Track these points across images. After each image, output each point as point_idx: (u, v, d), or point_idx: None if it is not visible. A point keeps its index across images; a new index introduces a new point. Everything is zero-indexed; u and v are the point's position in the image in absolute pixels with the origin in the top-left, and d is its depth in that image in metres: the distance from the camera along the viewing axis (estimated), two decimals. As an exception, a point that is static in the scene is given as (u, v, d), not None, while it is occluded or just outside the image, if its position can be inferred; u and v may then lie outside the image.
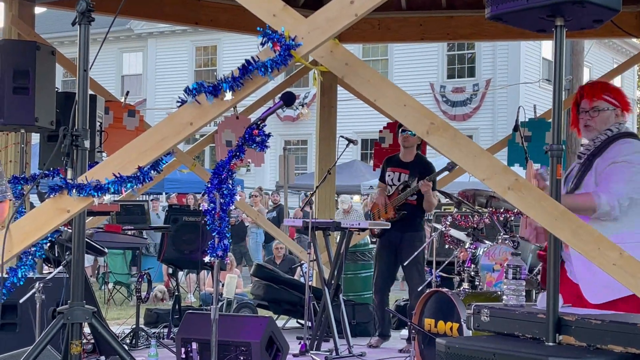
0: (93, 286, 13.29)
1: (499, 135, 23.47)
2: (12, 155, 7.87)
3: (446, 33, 9.61)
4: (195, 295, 12.85)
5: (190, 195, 17.27)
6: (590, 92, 4.41)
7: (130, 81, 31.59)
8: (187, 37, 29.99)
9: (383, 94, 3.31)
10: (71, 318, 3.55)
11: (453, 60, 26.93)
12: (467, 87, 26.21)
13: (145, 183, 3.36)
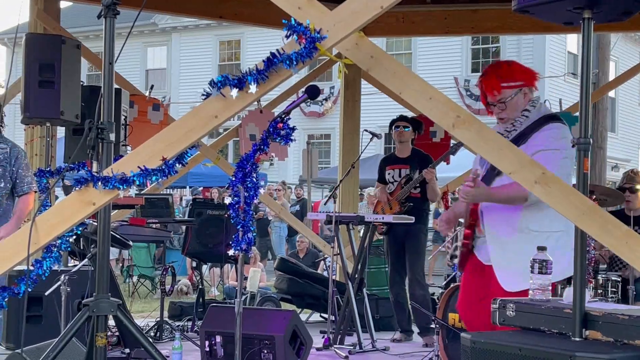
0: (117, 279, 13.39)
1: (522, 129, 23.33)
2: (37, 148, 7.92)
3: (471, 27, 9.56)
4: (218, 289, 12.88)
5: (214, 188, 17.30)
6: (489, 87, 4.26)
7: (155, 75, 31.68)
8: (211, 32, 30.03)
9: (408, 87, 3.29)
10: (97, 310, 3.56)
11: (477, 54, 26.80)
12: (492, 81, 26.04)
13: (171, 176, 3.36)
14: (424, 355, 6.82)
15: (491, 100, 4.26)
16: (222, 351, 6.37)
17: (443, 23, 9.46)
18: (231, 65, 30.43)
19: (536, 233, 4.12)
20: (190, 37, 31.06)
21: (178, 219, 11.02)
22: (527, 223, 4.14)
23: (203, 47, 30.79)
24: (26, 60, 6.39)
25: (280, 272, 9.40)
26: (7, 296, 3.50)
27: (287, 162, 22.37)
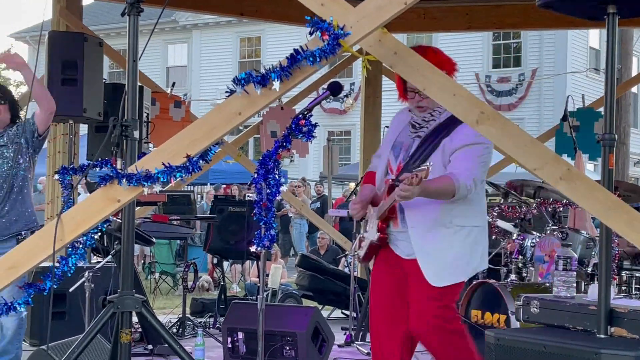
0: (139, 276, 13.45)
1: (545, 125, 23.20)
2: (60, 146, 7.96)
3: (492, 22, 9.50)
4: (239, 285, 12.91)
5: (234, 185, 17.33)
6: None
7: (175, 72, 31.78)
8: (232, 29, 30.08)
9: (432, 83, 3.28)
10: (121, 307, 3.58)
11: (498, 50, 26.69)
12: (513, 77, 25.94)
13: (194, 173, 3.38)
14: (447, 352, 6.80)
15: (412, 87, 4.06)
16: (244, 348, 6.39)
17: (465, 19, 9.40)
18: (252, 62, 30.48)
19: (459, 227, 4.07)
20: (211, 34, 31.13)
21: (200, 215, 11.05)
22: (450, 217, 4.05)
23: (223, 44, 30.85)
24: (49, 58, 6.43)
25: (301, 268, 9.41)
26: (32, 293, 3.52)
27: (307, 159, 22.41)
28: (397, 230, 4.16)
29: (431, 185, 3.87)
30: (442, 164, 4.02)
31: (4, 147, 5.21)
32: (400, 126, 4.32)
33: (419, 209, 4.04)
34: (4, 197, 5.11)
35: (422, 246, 4.05)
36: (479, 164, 4.03)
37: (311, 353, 6.21)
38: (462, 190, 3.94)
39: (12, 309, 3.45)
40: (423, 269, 4.02)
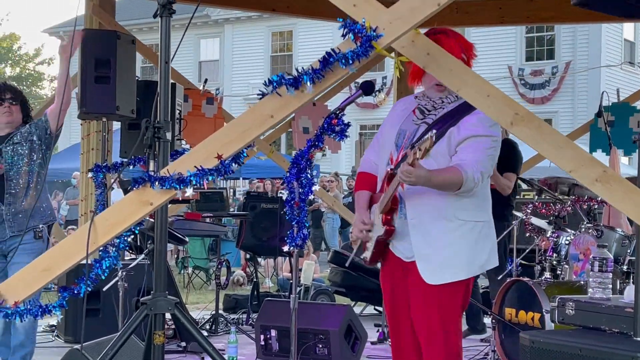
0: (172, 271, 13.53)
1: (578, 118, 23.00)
2: (94, 142, 8.01)
3: (526, 16, 9.38)
4: (272, 280, 12.94)
5: (267, 180, 17.37)
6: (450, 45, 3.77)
7: (207, 67, 31.89)
8: (263, 23, 30.12)
9: (466, 84, 3.25)
10: (154, 309, 3.58)
11: (532, 43, 26.46)
12: (546, 70, 25.71)
13: (227, 175, 3.37)
14: (480, 350, 6.78)
15: None
16: (277, 345, 6.40)
17: (498, 13, 9.30)
18: (283, 56, 30.52)
19: (462, 222, 3.83)
20: (243, 28, 31.19)
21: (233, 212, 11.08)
22: (454, 211, 3.81)
23: (255, 38, 30.90)
24: (82, 56, 6.45)
25: (334, 265, 9.40)
26: (67, 296, 3.54)
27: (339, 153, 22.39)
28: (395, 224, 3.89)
29: (437, 174, 3.70)
30: (447, 154, 3.82)
31: (18, 145, 5.30)
32: (404, 114, 4.04)
33: (419, 201, 3.83)
34: (21, 192, 5.22)
35: (420, 240, 3.82)
36: (487, 156, 3.82)
37: (344, 351, 6.21)
38: (469, 182, 3.71)
39: (47, 312, 3.48)
40: (419, 265, 3.82)
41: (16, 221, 5.19)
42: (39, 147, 5.34)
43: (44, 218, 5.40)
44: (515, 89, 25.62)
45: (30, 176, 5.31)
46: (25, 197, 5.24)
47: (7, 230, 5.20)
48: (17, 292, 3.44)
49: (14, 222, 5.18)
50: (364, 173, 4.19)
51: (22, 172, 5.27)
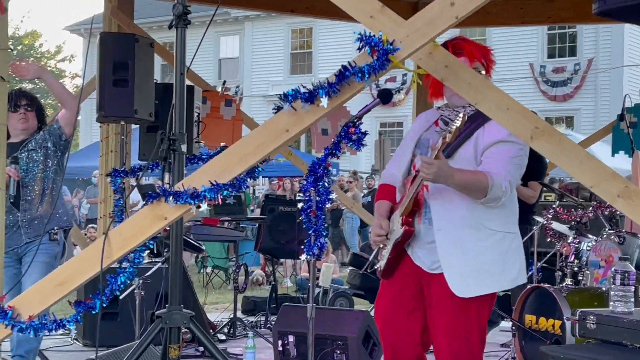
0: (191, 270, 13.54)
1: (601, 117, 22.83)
2: (112, 145, 8.02)
3: (547, 16, 9.29)
4: (291, 280, 12.92)
5: (287, 179, 17.34)
6: (470, 52, 3.76)
7: (227, 64, 31.91)
8: (283, 20, 30.09)
9: (485, 97, 3.19)
10: (169, 322, 3.56)
11: (554, 39, 26.26)
12: (568, 67, 25.51)
13: (241, 191, 3.33)
14: (501, 355, 6.71)
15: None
16: (295, 351, 6.37)
17: (519, 13, 9.22)
18: (303, 53, 30.48)
19: (491, 232, 3.70)
20: (263, 25, 31.17)
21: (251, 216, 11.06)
22: (481, 219, 3.69)
23: (275, 36, 30.88)
24: (100, 60, 6.44)
25: (352, 267, 9.36)
26: (82, 310, 3.52)
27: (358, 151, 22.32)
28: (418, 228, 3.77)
29: (465, 174, 3.59)
30: (473, 160, 3.72)
31: (33, 151, 5.33)
32: (426, 125, 3.97)
33: (445, 208, 3.70)
34: (36, 199, 5.24)
35: (447, 250, 3.69)
36: (514, 165, 3.71)
37: (362, 357, 6.17)
38: (495, 189, 3.58)
39: (61, 326, 3.46)
40: (447, 276, 3.67)
41: (32, 227, 5.20)
42: (53, 154, 5.35)
43: (60, 223, 5.41)
44: (537, 86, 25.45)
45: (46, 182, 5.32)
46: (41, 204, 5.25)
47: (24, 236, 5.21)
48: (32, 306, 3.43)
49: (30, 229, 5.19)
50: (385, 185, 4.13)
51: (37, 178, 5.29)
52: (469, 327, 3.74)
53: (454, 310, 3.71)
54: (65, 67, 46.13)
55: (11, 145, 5.36)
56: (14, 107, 5.35)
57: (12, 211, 5.20)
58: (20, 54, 41.96)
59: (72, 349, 7.06)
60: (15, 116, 5.35)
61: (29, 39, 43.60)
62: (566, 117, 25.84)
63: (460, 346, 3.73)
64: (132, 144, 8.01)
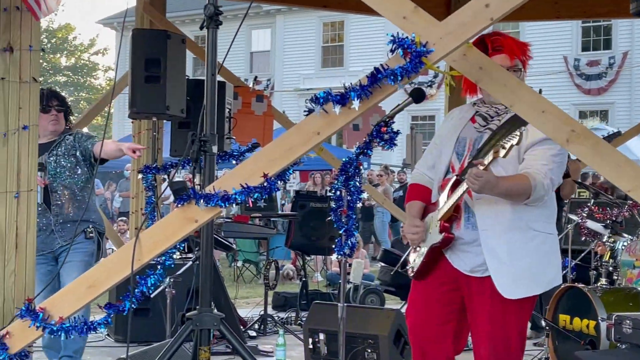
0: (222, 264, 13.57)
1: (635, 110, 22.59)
2: (144, 141, 8.04)
3: (582, 11, 9.18)
4: (322, 274, 12.90)
5: (317, 173, 17.31)
6: (511, 48, 3.74)
7: (259, 58, 31.91)
8: (315, 13, 30.00)
9: (520, 100, 3.13)
10: (200, 324, 3.55)
11: (588, 32, 25.96)
12: (603, 60, 25.22)
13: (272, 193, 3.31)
14: (533, 355, 6.64)
15: (503, 63, 3.65)
16: (325, 349, 6.34)
17: (553, 8, 9.11)
18: (334, 46, 30.40)
19: (536, 233, 3.68)
20: (294, 18, 31.13)
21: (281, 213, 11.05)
22: (527, 220, 3.65)
23: (307, 29, 30.82)
24: (132, 56, 6.45)
25: (383, 263, 9.32)
26: (112, 313, 3.52)
27: (390, 145, 22.21)
28: (459, 233, 3.74)
29: (508, 181, 3.57)
30: (516, 159, 3.68)
31: (61, 157, 5.33)
32: (462, 123, 3.93)
33: (490, 210, 3.66)
34: (67, 203, 5.24)
35: (494, 251, 3.64)
36: (556, 163, 3.67)
37: (393, 356, 6.12)
38: (538, 190, 3.56)
39: (92, 329, 3.46)
40: (494, 279, 3.62)
41: (65, 230, 5.22)
42: (83, 163, 5.35)
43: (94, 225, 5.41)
44: (571, 79, 25.20)
45: (75, 188, 5.32)
46: (72, 208, 5.25)
47: (58, 239, 5.23)
48: (63, 308, 3.43)
49: (64, 232, 5.21)
50: (416, 185, 4.10)
51: (65, 184, 5.30)
52: (509, 329, 3.71)
53: (494, 312, 3.68)
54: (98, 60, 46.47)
55: (41, 146, 5.36)
56: (46, 108, 5.32)
57: (46, 214, 5.22)
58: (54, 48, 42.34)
59: (103, 345, 7.10)
60: (46, 117, 5.32)
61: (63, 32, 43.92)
62: (600, 111, 25.56)
63: (500, 348, 3.70)
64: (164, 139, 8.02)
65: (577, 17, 10.39)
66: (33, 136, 3.76)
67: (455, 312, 3.83)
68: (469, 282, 3.75)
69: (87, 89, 43.50)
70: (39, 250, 5.14)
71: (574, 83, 25.16)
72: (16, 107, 3.70)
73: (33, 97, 3.76)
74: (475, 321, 3.76)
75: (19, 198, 3.70)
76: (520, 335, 3.76)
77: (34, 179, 3.77)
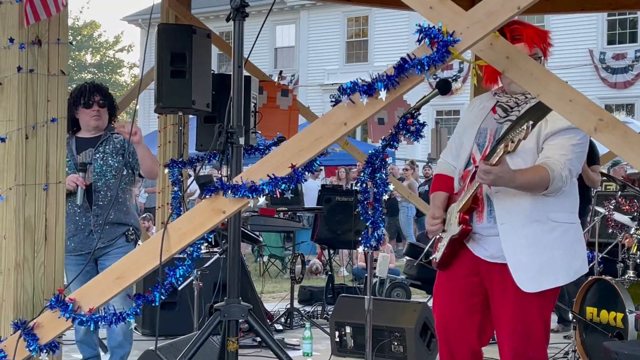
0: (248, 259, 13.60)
1: (663, 103, 22.34)
2: (170, 136, 8.09)
3: (608, 3, 9.10)
4: (347, 269, 12.91)
5: (341, 168, 17.32)
6: (530, 37, 3.71)
7: (283, 53, 31.95)
8: (339, 8, 29.97)
9: (547, 89, 3.11)
10: (228, 315, 3.57)
11: (614, 25, 25.74)
12: (629, 53, 24.99)
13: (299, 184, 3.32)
14: (560, 348, 6.62)
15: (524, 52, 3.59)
16: (352, 342, 6.36)
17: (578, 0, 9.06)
18: (359, 42, 30.36)
19: (556, 224, 3.64)
20: (318, 14, 31.11)
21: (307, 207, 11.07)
22: (546, 212, 3.62)
23: (331, 24, 30.80)
24: (158, 51, 6.48)
25: (409, 257, 9.31)
26: (141, 304, 3.55)
27: (415, 139, 22.16)
28: (482, 226, 3.73)
29: (525, 173, 3.55)
30: (535, 150, 3.66)
31: (109, 155, 5.22)
32: (483, 112, 3.92)
33: (509, 202, 3.64)
34: (108, 205, 5.12)
35: (513, 245, 3.62)
36: (575, 153, 3.64)
37: (420, 349, 6.13)
38: (557, 181, 3.54)
39: (121, 319, 3.49)
40: (513, 272, 3.60)
41: (105, 232, 5.09)
42: (128, 166, 5.27)
43: (135, 226, 5.38)
44: (597, 73, 25.01)
45: (119, 189, 5.21)
46: (113, 209, 5.13)
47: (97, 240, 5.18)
48: (92, 299, 3.46)
49: (103, 233, 5.04)
50: (441, 175, 4.09)
51: (109, 184, 5.18)
52: (532, 321, 3.68)
53: (517, 303, 3.65)
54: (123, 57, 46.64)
55: (84, 140, 5.29)
56: (88, 103, 5.24)
57: (87, 214, 5.14)
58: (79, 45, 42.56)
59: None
60: (89, 112, 5.23)
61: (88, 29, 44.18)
62: (626, 105, 25.35)
63: (523, 340, 3.68)
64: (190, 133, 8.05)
65: (603, 9, 10.32)
66: (61, 129, 3.79)
67: (480, 303, 3.81)
68: (490, 270, 3.73)
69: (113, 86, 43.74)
70: (77, 250, 5.14)
71: (600, 76, 24.97)
72: (45, 100, 3.72)
73: (61, 90, 3.78)
74: (498, 313, 3.74)
75: (47, 190, 3.72)
76: (544, 326, 3.72)
77: (62, 171, 3.79)
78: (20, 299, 3.67)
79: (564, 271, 3.68)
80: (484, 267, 3.76)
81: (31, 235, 3.70)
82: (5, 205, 3.68)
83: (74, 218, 5.10)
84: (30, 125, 3.68)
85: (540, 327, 3.69)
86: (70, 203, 5.01)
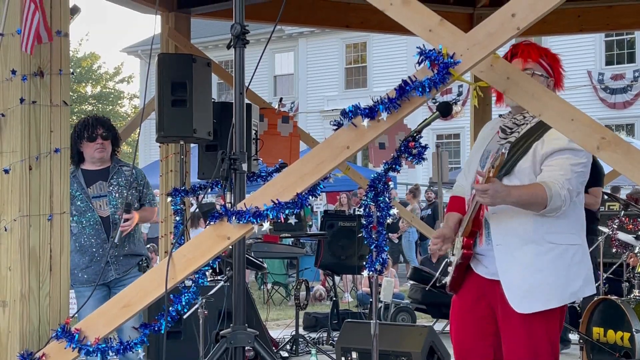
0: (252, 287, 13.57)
1: (662, 123, 22.37)
2: (172, 165, 8.09)
3: (606, 23, 9.15)
4: (351, 295, 12.87)
5: (343, 194, 17.32)
6: (526, 52, 3.79)
7: (282, 81, 32.05)
8: (337, 35, 30.11)
9: (548, 108, 3.12)
10: (234, 342, 3.56)
11: (611, 46, 25.83)
12: (627, 74, 25.06)
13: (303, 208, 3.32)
14: (567, 368, 6.60)
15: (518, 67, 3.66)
16: (358, 368, 6.34)
17: (577, 21, 9.10)
18: (358, 68, 30.46)
19: (553, 245, 3.63)
20: (317, 41, 31.25)
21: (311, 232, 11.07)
22: (542, 233, 3.62)
23: (329, 51, 30.93)
24: (159, 80, 6.51)
25: (413, 281, 9.29)
26: (148, 333, 3.54)
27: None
28: (482, 248, 3.77)
29: (522, 190, 3.55)
30: (532, 171, 3.66)
31: (124, 188, 5.38)
32: (490, 135, 3.96)
33: (505, 223, 3.66)
34: (125, 238, 5.29)
35: (506, 266, 3.63)
36: (574, 173, 3.63)
37: (426, 373, 6.11)
38: (554, 200, 3.52)
39: (128, 349, 3.48)
40: (506, 292, 3.62)
41: (120, 264, 5.31)
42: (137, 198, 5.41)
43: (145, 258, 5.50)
44: (595, 94, 25.06)
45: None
46: (127, 241, 5.32)
47: (113, 272, 5.28)
48: (98, 328, 3.45)
49: (119, 265, 5.27)
50: (455, 197, 4.13)
51: None
52: (537, 340, 3.67)
53: (522, 323, 3.65)
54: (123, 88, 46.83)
55: (92, 173, 5.42)
56: (91, 136, 5.38)
57: (104, 245, 5.27)
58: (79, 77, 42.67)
59: (137, 368, 7.11)
60: (93, 145, 5.39)
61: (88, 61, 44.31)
62: (626, 125, 25.39)
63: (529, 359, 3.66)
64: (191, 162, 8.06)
65: (601, 29, 10.36)
66: (65, 159, 3.80)
67: (492, 324, 3.80)
68: (494, 289, 3.74)
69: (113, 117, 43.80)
70: (91, 281, 5.23)
71: (599, 97, 25.02)
72: (47, 131, 3.74)
73: (64, 120, 3.80)
74: (504, 333, 3.74)
75: (52, 220, 3.73)
76: (551, 345, 3.70)
77: (66, 201, 3.80)
78: (26, 330, 3.66)
79: (558, 293, 3.65)
80: (488, 286, 3.77)
81: (36, 266, 3.70)
82: (10, 237, 3.69)
83: (90, 250, 5.20)
84: (34, 156, 3.69)
85: (546, 345, 3.68)
86: (86, 236, 5.11)
